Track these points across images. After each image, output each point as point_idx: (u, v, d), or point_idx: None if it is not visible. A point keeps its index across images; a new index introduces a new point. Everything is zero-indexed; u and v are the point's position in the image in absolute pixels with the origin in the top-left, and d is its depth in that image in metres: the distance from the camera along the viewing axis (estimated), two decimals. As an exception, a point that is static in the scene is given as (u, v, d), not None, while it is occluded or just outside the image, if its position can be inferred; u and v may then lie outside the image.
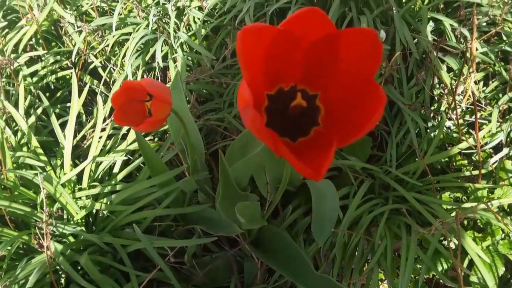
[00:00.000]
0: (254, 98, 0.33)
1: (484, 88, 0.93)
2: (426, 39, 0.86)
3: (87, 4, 1.11)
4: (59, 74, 1.03)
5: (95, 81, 1.09)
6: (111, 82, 1.09)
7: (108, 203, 0.73)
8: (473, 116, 0.90)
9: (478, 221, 0.82)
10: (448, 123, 0.94)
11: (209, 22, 1.05)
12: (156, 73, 1.06)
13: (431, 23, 0.96)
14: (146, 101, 0.51)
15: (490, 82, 0.92)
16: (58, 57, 1.07)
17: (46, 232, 0.55)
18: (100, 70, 1.08)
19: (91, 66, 1.08)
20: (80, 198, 0.78)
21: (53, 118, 0.85)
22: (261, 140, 0.28)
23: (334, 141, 0.28)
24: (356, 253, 0.80)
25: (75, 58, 1.02)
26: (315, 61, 0.34)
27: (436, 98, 0.88)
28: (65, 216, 0.78)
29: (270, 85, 0.35)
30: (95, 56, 1.08)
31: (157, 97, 0.45)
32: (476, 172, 0.83)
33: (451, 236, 0.77)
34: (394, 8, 0.88)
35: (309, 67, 0.34)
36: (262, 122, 0.26)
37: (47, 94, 1.06)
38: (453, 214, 0.80)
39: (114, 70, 1.07)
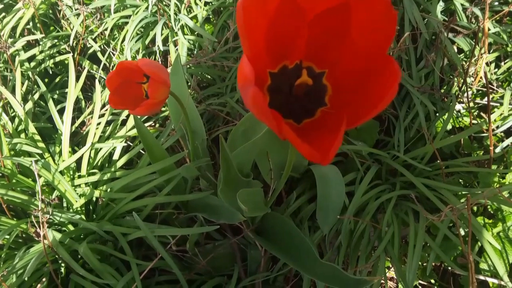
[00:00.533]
0: (258, 75, 0.30)
1: (496, 70, 0.89)
2: (436, 19, 0.82)
3: (84, -14, 1.08)
4: (57, 59, 1.01)
5: (95, 66, 1.07)
6: (110, 67, 1.06)
7: (108, 190, 0.71)
8: (484, 99, 0.87)
9: (489, 207, 0.80)
10: (458, 106, 0.91)
11: (211, 3, 1.02)
12: (157, 57, 1.03)
13: (441, 3, 0.93)
14: (143, 83, 0.48)
15: (502, 63, 0.89)
16: (56, 42, 1.05)
17: (42, 220, 0.54)
18: (99, 54, 1.05)
19: (90, 51, 1.06)
20: (79, 185, 0.76)
21: (50, 103, 0.83)
22: (263, 120, 0.25)
23: (343, 122, 0.26)
24: (362, 240, 0.78)
25: (73, 42, 0.99)
26: (322, 34, 0.31)
27: (446, 80, 0.85)
28: (64, 204, 0.77)
29: (273, 62, 0.32)
30: (94, 40, 1.06)
31: (154, 78, 0.42)
32: (486, 157, 0.80)
33: (461, 222, 0.75)
34: (402, -13, 0.85)
35: (315, 42, 0.31)
36: (264, 100, 0.24)
37: (46, 80, 1.04)
38: (463, 200, 0.78)
39: (113, 54, 1.04)
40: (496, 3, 0.95)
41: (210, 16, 1.07)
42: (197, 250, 0.78)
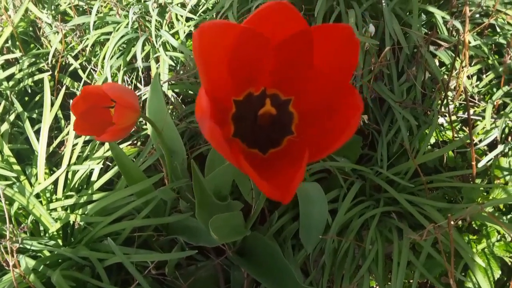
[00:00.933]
0: (219, 104, 0.29)
1: (478, 82, 0.89)
2: (417, 33, 0.82)
3: (65, 3, 1.07)
4: (36, 77, 0.99)
5: (76, 83, 1.05)
6: (93, 83, 1.05)
7: (84, 214, 0.70)
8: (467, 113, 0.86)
9: (473, 222, 0.79)
10: (441, 120, 0.91)
11: (192, 19, 1.01)
12: (139, 74, 1.02)
13: (423, 16, 0.93)
14: (111, 107, 0.47)
15: (484, 76, 0.88)
16: (36, 60, 1.03)
17: (11, 249, 0.52)
18: (80, 71, 1.04)
19: (71, 68, 1.04)
20: (55, 209, 0.74)
21: (27, 124, 0.81)
22: (221, 154, 0.24)
23: (305, 156, 0.25)
24: (347, 259, 0.77)
25: (51, 60, 0.98)
26: (286, 62, 0.30)
27: (428, 94, 0.84)
28: (41, 228, 0.75)
29: (237, 90, 0.31)
30: (75, 57, 1.04)
31: (120, 103, 0.41)
32: (470, 171, 0.79)
33: (445, 239, 0.74)
34: (383, 1, 0.84)
35: (280, 69, 0.30)
36: (220, 134, 0.23)
37: (26, 98, 1.02)
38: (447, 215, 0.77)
39: (95, 71, 1.03)
40: (477, 15, 0.95)
41: (192, 32, 1.07)
42: (179, 272, 0.76)
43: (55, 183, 0.76)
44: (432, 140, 0.90)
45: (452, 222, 0.71)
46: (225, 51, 0.29)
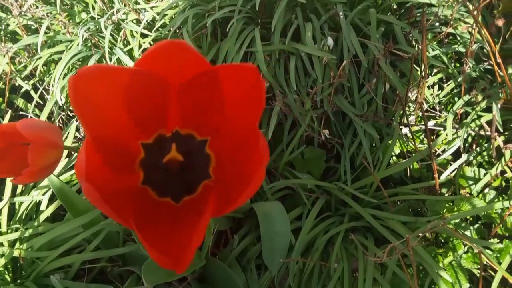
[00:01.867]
0: (123, 150, 0.26)
1: (439, 92, 0.88)
2: (376, 44, 0.81)
3: (13, 23, 1.02)
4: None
5: (29, 105, 1.00)
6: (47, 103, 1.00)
7: (30, 248, 0.65)
8: (429, 122, 0.85)
9: (439, 235, 0.77)
10: (405, 130, 0.89)
11: (148, 35, 0.98)
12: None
13: (382, 27, 0.92)
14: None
15: (445, 85, 0.88)
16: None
17: None
18: (32, 92, 0.99)
19: (23, 90, 0.99)
20: (1, 243, 0.69)
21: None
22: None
23: (207, 212, 0.22)
24: (312, 279, 0.74)
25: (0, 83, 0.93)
26: (194, 103, 0.27)
27: (390, 106, 0.83)
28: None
29: (145, 133, 0.28)
30: (29, 77, 1.00)
31: (37, 142, 0.38)
32: (434, 183, 0.78)
33: (410, 254, 0.72)
34: (340, 14, 0.83)
35: (189, 110, 0.28)
36: (98, 197, 0.20)
37: (-25, 123, 0.97)
38: (413, 229, 0.75)
39: (48, 92, 0.99)
40: (437, 24, 0.95)
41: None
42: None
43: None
44: (397, 151, 0.89)
45: (417, 237, 0.70)
46: (116, 94, 0.25)
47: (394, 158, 0.90)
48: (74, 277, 0.71)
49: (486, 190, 0.80)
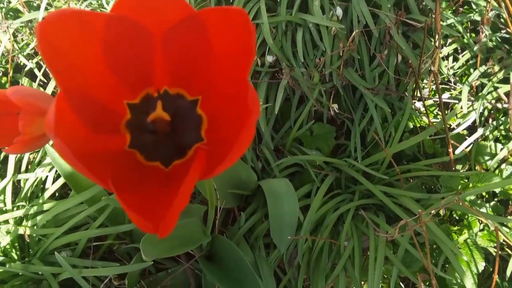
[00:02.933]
0: (106, 108, 0.24)
1: (454, 63, 0.84)
2: (387, 14, 0.77)
3: (15, 0, 1.00)
4: (-11, 79, 0.93)
5: (34, 84, 0.99)
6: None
7: (35, 225, 0.65)
8: (444, 95, 0.82)
9: (453, 212, 0.75)
10: (418, 104, 0.86)
11: None
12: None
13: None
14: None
15: (460, 56, 0.84)
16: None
17: None
18: (36, 71, 0.97)
19: (27, 68, 0.98)
20: (7, 221, 0.69)
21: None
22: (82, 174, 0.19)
23: (193, 172, 0.20)
24: (322, 257, 0.73)
25: (1, 61, 0.92)
26: (180, 54, 0.25)
27: (402, 78, 0.80)
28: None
29: (131, 91, 0.25)
30: (30, 57, 0.98)
31: (27, 109, 0.36)
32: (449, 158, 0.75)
33: (423, 231, 0.69)
34: (350, -19, 0.79)
35: (175, 64, 0.25)
36: (70, 153, 0.18)
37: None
38: (426, 206, 0.73)
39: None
40: (452, -8, 0.90)
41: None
42: (148, 280, 0.72)
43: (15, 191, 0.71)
44: (411, 126, 0.86)
45: (430, 213, 0.67)
46: (91, 42, 0.23)
47: (407, 134, 0.87)
48: (81, 255, 0.70)
49: (503, 166, 0.76)
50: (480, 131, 0.78)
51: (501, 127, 0.79)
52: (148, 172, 0.25)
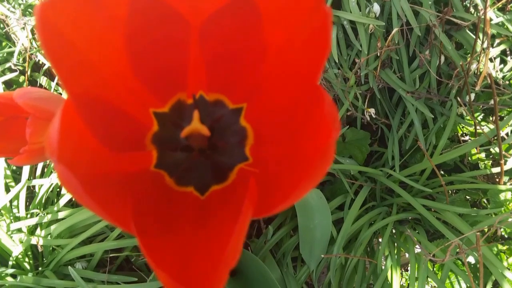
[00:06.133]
0: (129, 118, 0.19)
1: (502, 66, 0.77)
2: (429, 11, 0.70)
3: (34, -4, 0.97)
4: (7, 78, 0.90)
5: (52, 83, 0.96)
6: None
7: (49, 235, 0.60)
8: (491, 101, 0.75)
9: (502, 229, 0.68)
10: (460, 110, 0.79)
11: None
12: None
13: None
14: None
15: (509, 58, 0.77)
16: (7, 59, 0.94)
17: None
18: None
19: (46, 67, 0.94)
20: (21, 229, 0.65)
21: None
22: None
23: (246, 209, 0.14)
24: (356, 276, 0.67)
25: (18, 58, 0.88)
26: (222, 50, 0.19)
27: (444, 81, 0.73)
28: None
29: (157, 97, 0.20)
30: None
31: (36, 115, 0.31)
32: (497, 170, 0.68)
33: (470, 251, 0.63)
34: (388, -24, 0.73)
35: (217, 61, 0.19)
36: (80, 188, 0.13)
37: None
38: (470, 221, 0.66)
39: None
40: (498, -11, 0.83)
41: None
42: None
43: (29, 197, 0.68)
44: (451, 134, 0.79)
45: (480, 232, 0.60)
46: (109, 33, 0.18)
47: (447, 141, 0.80)
48: (98, 265, 0.66)
49: (558, 179, 0.69)
50: (531, 140, 0.71)
51: (555, 136, 0.72)
52: (179, 202, 0.19)
